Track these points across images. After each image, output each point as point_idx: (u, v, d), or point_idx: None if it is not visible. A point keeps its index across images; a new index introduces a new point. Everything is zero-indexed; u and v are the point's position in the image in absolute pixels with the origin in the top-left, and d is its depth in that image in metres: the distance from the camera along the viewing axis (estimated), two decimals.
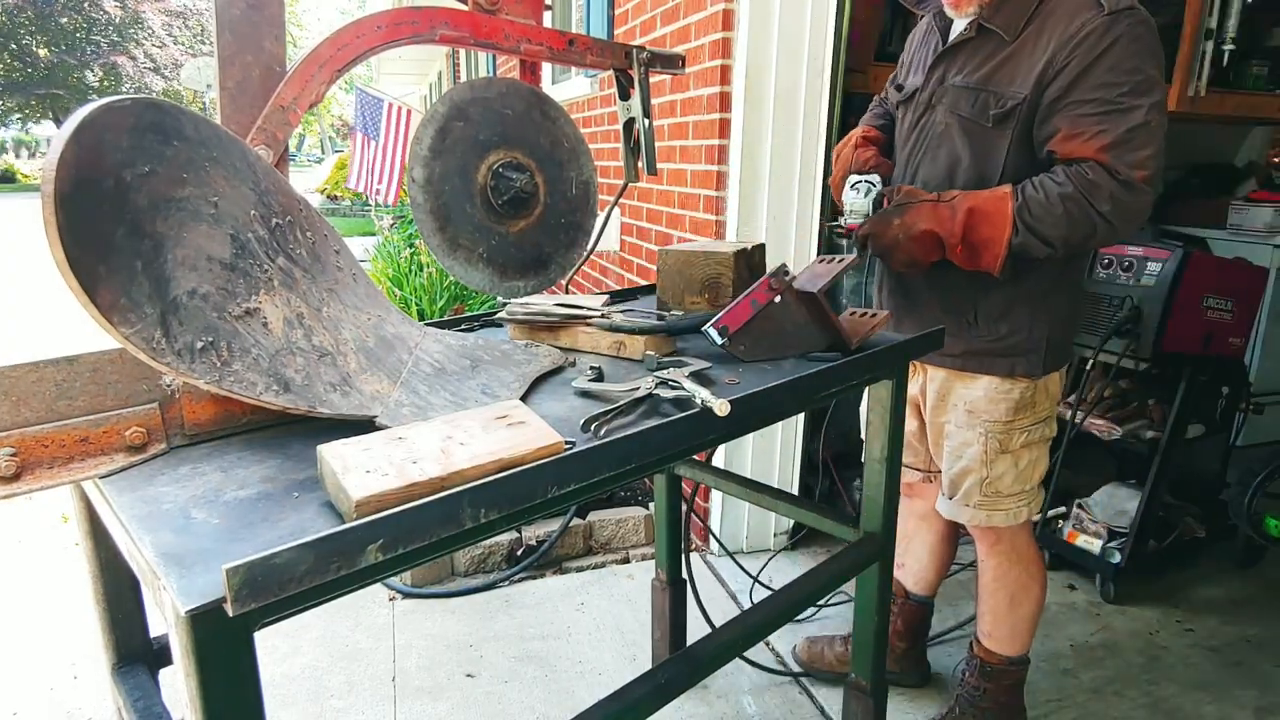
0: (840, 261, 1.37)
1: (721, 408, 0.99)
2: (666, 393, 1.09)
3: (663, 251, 1.55)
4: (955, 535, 2.01)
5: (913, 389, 1.81)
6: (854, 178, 1.64)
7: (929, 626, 2.15)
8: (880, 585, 1.59)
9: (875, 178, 1.63)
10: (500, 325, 1.49)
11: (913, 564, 2.07)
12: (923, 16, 1.74)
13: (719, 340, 1.26)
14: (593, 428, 0.99)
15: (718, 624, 1.37)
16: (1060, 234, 1.43)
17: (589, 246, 1.59)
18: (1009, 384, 1.64)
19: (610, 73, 1.52)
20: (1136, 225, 1.46)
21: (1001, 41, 1.48)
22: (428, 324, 1.33)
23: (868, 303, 2.61)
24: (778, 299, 1.27)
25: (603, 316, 1.38)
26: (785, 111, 2.45)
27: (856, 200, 1.60)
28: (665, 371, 1.14)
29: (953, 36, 1.58)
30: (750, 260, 1.52)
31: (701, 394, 1.03)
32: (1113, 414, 2.62)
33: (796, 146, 2.49)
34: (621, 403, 1.06)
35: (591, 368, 1.24)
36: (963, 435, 1.71)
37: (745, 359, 1.29)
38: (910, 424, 1.84)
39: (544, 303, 1.44)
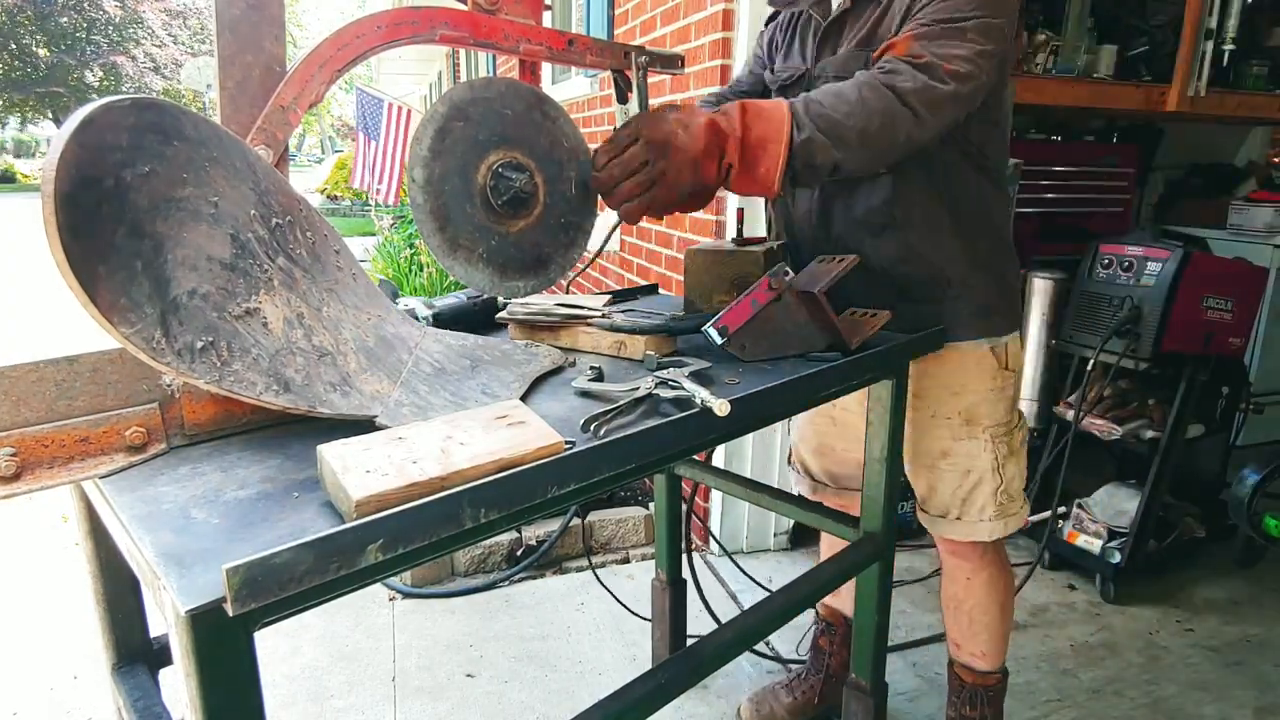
0: (841, 262, 1.36)
1: (721, 408, 0.99)
2: (666, 393, 1.09)
3: (690, 251, 1.55)
4: None
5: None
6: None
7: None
8: (880, 585, 1.59)
9: None
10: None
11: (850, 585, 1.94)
12: (782, 10, 1.66)
13: (719, 340, 1.25)
14: (592, 428, 0.99)
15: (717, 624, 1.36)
16: (855, 125, 1.20)
17: (595, 249, 1.59)
18: (985, 371, 1.55)
19: (610, 73, 1.52)
20: (946, 118, 1.27)
21: (874, 3, 1.42)
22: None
23: None
24: (779, 299, 1.27)
25: (603, 316, 1.38)
26: None
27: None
28: (665, 371, 1.14)
29: (834, 10, 1.48)
30: (775, 259, 1.52)
31: (701, 394, 1.03)
32: (1113, 414, 2.62)
33: None
34: (621, 403, 1.06)
35: (592, 367, 1.24)
36: (966, 448, 1.59)
37: (745, 359, 1.29)
38: (824, 423, 1.80)
39: (544, 302, 1.45)
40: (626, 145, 1.21)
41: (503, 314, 1.47)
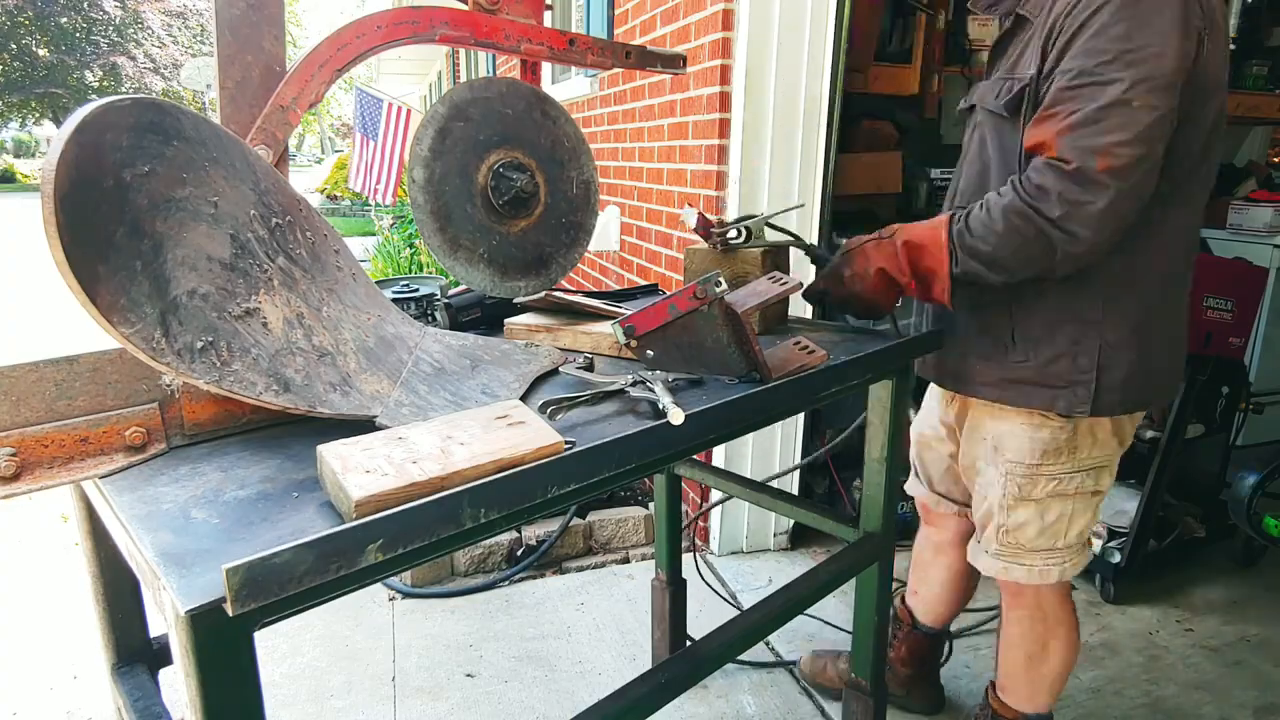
0: (783, 285, 1.27)
1: (676, 416, 0.99)
2: (639, 392, 1.09)
3: (690, 250, 1.55)
4: (976, 571, 1.70)
5: (950, 414, 1.65)
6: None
7: (941, 656, 2.00)
8: (880, 585, 1.59)
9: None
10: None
11: (925, 593, 1.91)
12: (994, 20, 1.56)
13: (623, 339, 1.15)
14: (549, 411, 1.01)
15: (717, 624, 1.36)
16: (1007, 254, 1.22)
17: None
18: (1040, 419, 1.41)
19: (611, 73, 1.52)
20: (1111, 228, 1.17)
21: (1031, 26, 1.30)
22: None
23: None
24: (702, 309, 1.14)
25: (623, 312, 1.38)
26: (785, 111, 2.45)
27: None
28: (648, 373, 1.15)
29: (997, 32, 1.41)
30: (776, 260, 1.52)
31: (665, 400, 1.02)
32: None
33: (796, 146, 2.49)
34: (587, 393, 1.07)
35: (585, 356, 1.24)
36: (987, 474, 1.52)
37: (651, 366, 1.21)
38: (948, 447, 1.70)
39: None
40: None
41: (520, 299, 1.48)
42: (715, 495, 2.73)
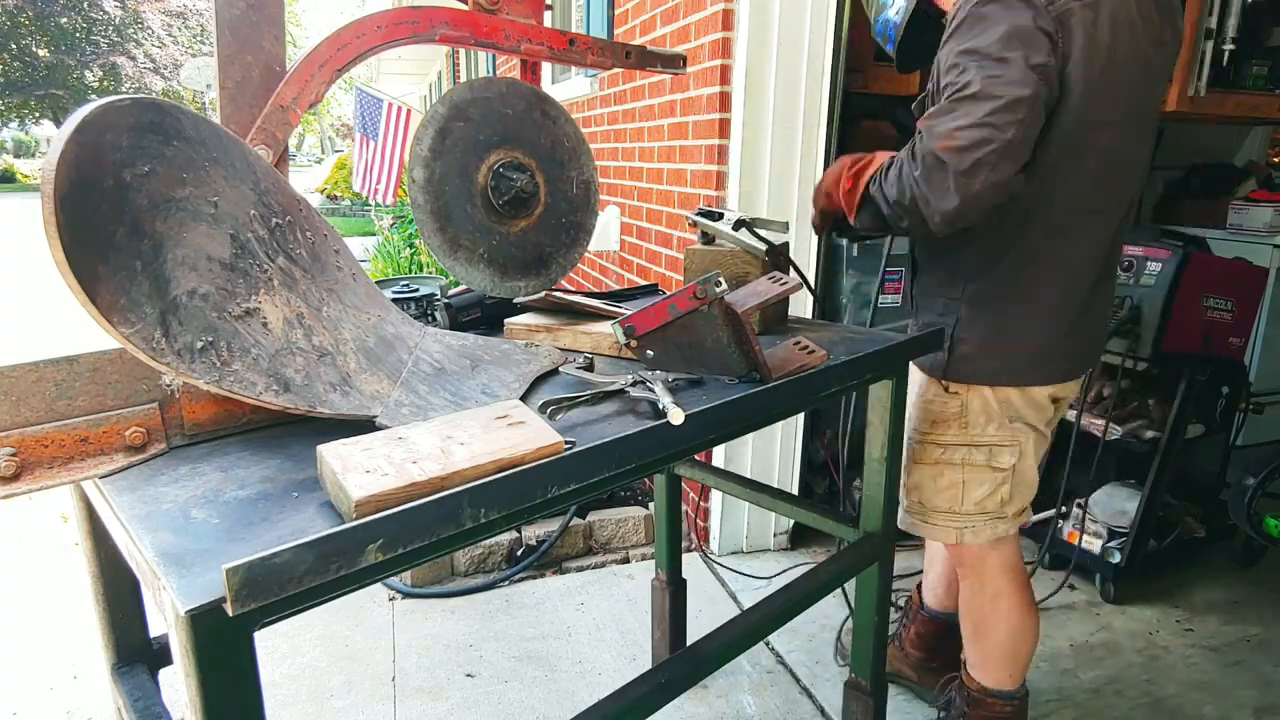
0: (783, 285, 1.28)
1: (676, 416, 0.99)
2: (639, 392, 1.09)
3: (690, 250, 1.55)
4: None
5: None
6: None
7: (952, 644, 1.94)
8: (880, 585, 1.59)
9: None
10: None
11: (929, 575, 2.02)
12: None
13: (623, 339, 1.16)
14: (549, 411, 1.01)
15: (717, 624, 1.36)
16: (893, 193, 1.38)
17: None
18: (921, 379, 1.59)
19: (610, 73, 1.52)
20: (953, 201, 1.29)
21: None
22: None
23: (866, 304, 2.62)
24: (702, 309, 1.14)
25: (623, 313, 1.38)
26: (785, 111, 2.45)
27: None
28: (648, 373, 1.15)
29: None
30: (776, 260, 1.52)
31: (665, 400, 1.03)
32: (1113, 414, 2.62)
33: (796, 146, 2.49)
34: (587, 393, 1.07)
35: (585, 356, 1.24)
36: (906, 436, 1.65)
37: (651, 366, 1.21)
38: None
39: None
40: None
41: (521, 299, 1.47)
42: (715, 495, 2.73)
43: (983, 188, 1.27)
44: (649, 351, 1.18)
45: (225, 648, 0.71)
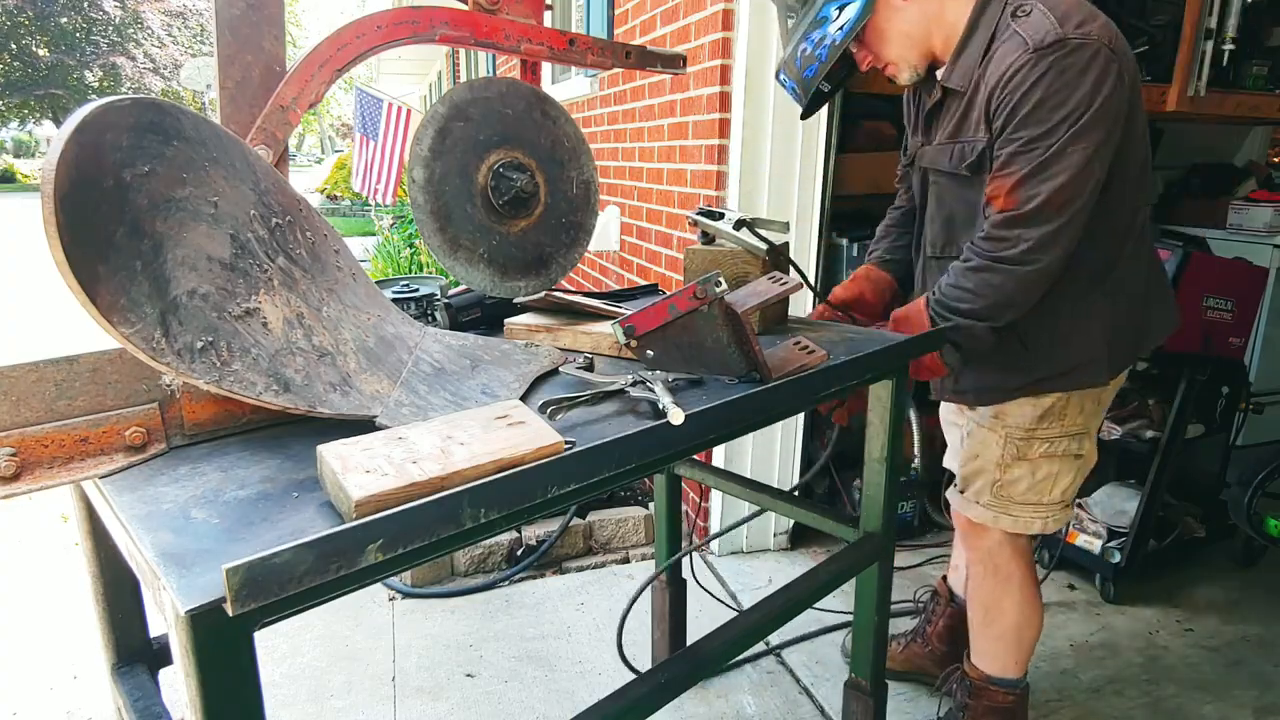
0: (783, 285, 1.29)
1: (676, 416, 0.99)
2: (640, 392, 1.09)
3: (690, 250, 1.55)
4: None
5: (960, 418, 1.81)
6: None
7: None
8: (880, 585, 1.59)
9: None
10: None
11: (964, 568, 2.01)
12: None
13: (623, 339, 1.16)
14: (549, 411, 1.01)
15: (717, 624, 1.36)
16: (985, 304, 1.43)
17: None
18: (1043, 394, 1.62)
19: (610, 73, 1.52)
20: (1063, 247, 1.39)
21: (962, 95, 1.48)
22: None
23: None
24: (702, 309, 1.14)
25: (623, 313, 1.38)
26: (785, 111, 2.45)
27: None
28: (648, 373, 1.15)
29: (928, 104, 1.58)
30: (777, 260, 1.52)
31: (665, 400, 1.03)
32: (1112, 414, 2.62)
33: (796, 146, 2.49)
34: (587, 393, 1.07)
35: (585, 356, 1.24)
36: (983, 435, 1.68)
37: (651, 366, 1.21)
38: (963, 418, 1.84)
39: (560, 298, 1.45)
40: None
41: (521, 299, 1.47)
42: (715, 495, 2.73)
43: (1075, 235, 1.40)
44: (649, 351, 1.18)
45: (225, 648, 0.71)
